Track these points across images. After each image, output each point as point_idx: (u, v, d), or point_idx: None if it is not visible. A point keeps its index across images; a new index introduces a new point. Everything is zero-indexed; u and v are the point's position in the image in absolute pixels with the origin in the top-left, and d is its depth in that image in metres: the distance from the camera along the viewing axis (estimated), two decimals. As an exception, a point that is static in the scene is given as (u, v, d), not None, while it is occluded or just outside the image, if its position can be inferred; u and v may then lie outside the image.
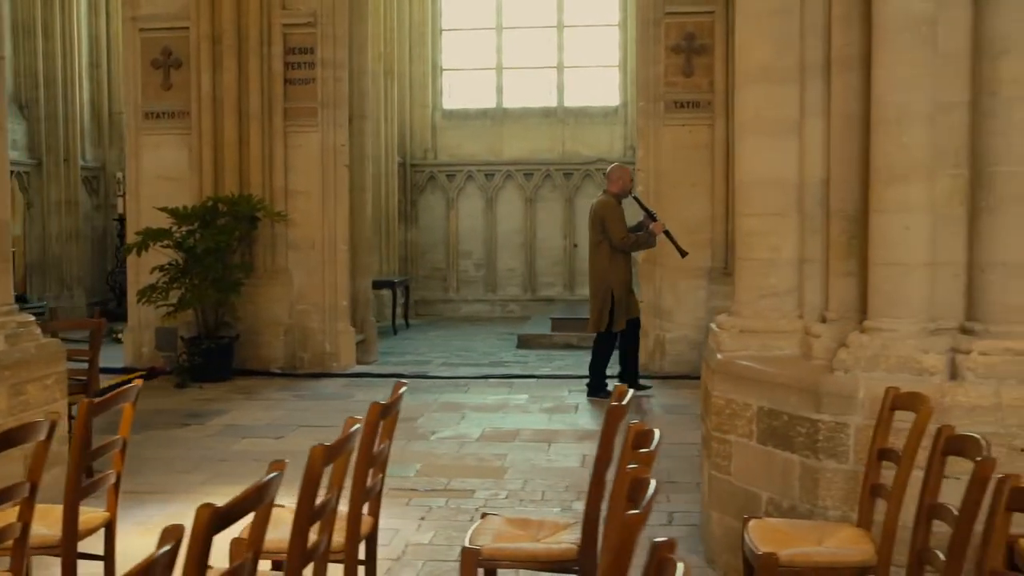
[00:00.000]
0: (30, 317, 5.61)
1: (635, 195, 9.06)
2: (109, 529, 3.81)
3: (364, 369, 10.45)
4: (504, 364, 11.15)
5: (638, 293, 9.29)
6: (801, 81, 4.44)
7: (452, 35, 16.92)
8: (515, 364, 11.13)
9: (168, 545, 1.83)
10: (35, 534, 3.40)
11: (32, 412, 5.03)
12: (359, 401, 8.52)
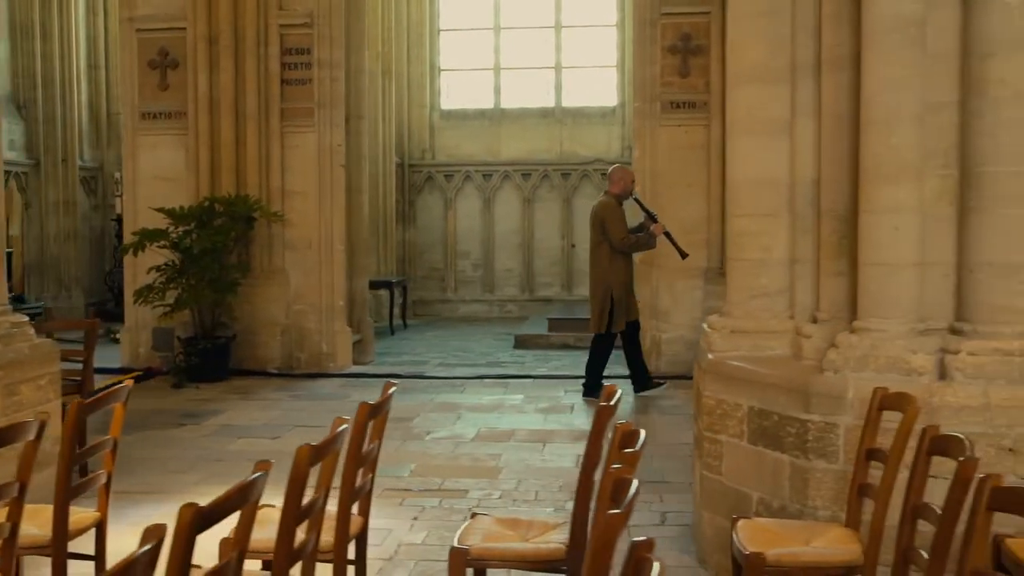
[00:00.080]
0: (24, 317, 5.62)
1: (636, 196, 9.08)
2: (100, 529, 3.82)
3: (361, 369, 10.45)
4: (501, 364, 11.16)
5: (637, 294, 9.30)
6: (792, 81, 4.45)
7: (450, 35, 16.94)
8: (512, 364, 11.14)
9: (149, 544, 1.84)
10: (26, 534, 3.42)
11: (26, 412, 5.03)
12: (355, 401, 8.32)
